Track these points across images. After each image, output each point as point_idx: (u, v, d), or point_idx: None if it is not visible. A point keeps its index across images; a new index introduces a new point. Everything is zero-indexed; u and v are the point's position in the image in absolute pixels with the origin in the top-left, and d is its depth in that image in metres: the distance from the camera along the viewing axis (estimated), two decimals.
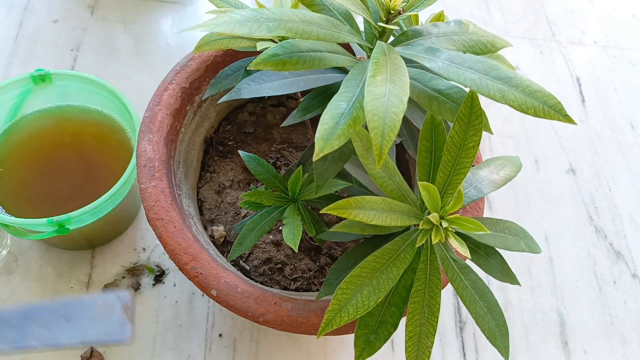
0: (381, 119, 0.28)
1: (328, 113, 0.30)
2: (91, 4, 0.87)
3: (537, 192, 0.78)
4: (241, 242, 0.46)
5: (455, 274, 0.38)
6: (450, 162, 0.35)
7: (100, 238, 0.64)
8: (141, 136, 0.50)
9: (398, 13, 0.36)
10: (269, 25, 0.32)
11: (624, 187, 0.80)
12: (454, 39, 0.37)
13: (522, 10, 0.99)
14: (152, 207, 0.46)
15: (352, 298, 0.35)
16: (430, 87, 0.36)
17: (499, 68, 0.33)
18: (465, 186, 0.42)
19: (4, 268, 0.63)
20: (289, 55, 0.33)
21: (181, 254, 0.45)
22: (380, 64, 0.31)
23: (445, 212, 0.35)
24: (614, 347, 0.66)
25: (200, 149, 0.62)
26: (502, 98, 0.32)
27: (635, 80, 0.92)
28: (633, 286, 0.71)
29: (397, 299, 0.37)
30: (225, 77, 0.47)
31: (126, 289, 0.63)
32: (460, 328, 0.65)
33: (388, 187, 0.37)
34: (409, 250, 0.36)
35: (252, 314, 0.43)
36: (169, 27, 0.87)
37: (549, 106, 0.32)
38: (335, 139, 0.29)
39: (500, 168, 0.44)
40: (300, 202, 0.47)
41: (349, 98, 0.31)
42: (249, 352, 0.60)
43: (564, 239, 0.74)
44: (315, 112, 0.39)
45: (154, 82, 0.53)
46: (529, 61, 0.92)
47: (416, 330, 0.36)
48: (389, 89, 0.29)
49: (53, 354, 0.57)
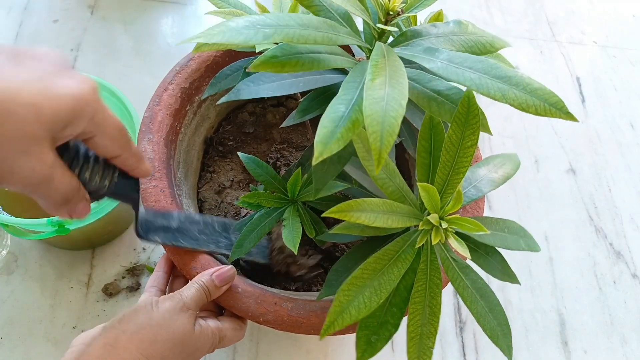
0: (380, 123, 0.28)
1: (327, 116, 0.29)
2: (91, 4, 0.87)
3: (537, 192, 0.78)
4: (241, 244, 0.46)
5: (455, 273, 0.38)
6: (448, 162, 0.35)
7: (100, 238, 0.64)
8: (141, 136, 0.50)
9: (397, 14, 0.35)
10: (265, 32, 0.31)
11: (624, 187, 0.80)
12: (453, 39, 0.37)
13: (522, 10, 0.99)
14: (152, 207, 0.46)
15: (353, 300, 0.35)
16: (430, 88, 0.35)
17: (499, 67, 0.33)
18: (465, 185, 0.42)
19: (4, 268, 0.63)
20: (288, 57, 0.33)
21: (182, 253, 0.45)
22: (379, 67, 0.31)
23: (444, 213, 0.35)
24: (614, 347, 0.66)
25: (200, 149, 0.62)
26: (502, 97, 0.32)
27: (635, 80, 0.92)
28: (633, 286, 0.71)
29: (398, 300, 0.37)
30: (225, 77, 0.47)
31: (126, 288, 0.63)
32: (460, 328, 0.65)
33: (388, 189, 0.37)
34: (409, 251, 0.36)
35: (252, 313, 0.43)
36: (169, 27, 0.87)
37: (550, 104, 0.32)
38: (335, 143, 0.29)
39: (499, 166, 0.44)
40: (299, 203, 0.47)
41: (348, 101, 0.31)
42: (249, 352, 0.60)
43: (564, 239, 0.74)
44: (315, 113, 0.39)
45: (154, 82, 0.53)
46: (529, 61, 0.92)
47: (418, 331, 0.36)
48: (387, 92, 0.29)
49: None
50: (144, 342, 0.37)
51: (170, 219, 0.46)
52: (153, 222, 0.44)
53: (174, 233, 0.45)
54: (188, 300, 0.41)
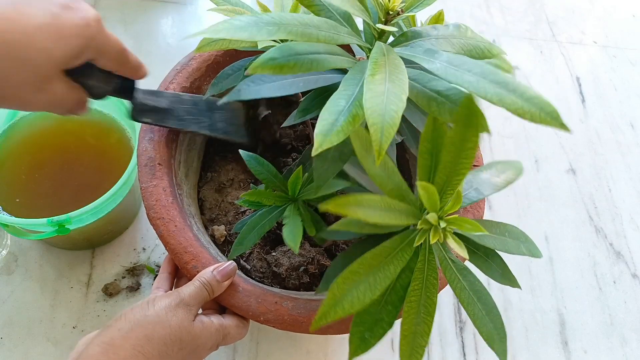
0: (380, 116, 0.28)
1: (327, 110, 0.30)
2: (91, 4, 0.87)
3: (537, 192, 0.78)
4: (241, 241, 0.46)
5: (453, 274, 0.38)
6: (449, 163, 0.35)
7: (100, 238, 0.64)
8: (142, 135, 0.50)
9: (397, 14, 0.36)
10: (269, 30, 0.32)
11: (624, 187, 0.80)
12: (452, 42, 0.37)
13: (522, 10, 0.99)
14: (153, 206, 0.46)
15: (347, 293, 0.35)
16: (430, 88, 0.36)
17: (497, 72, 0.33)
18: (466, 188, 0.42)
19: (4, 268, 0.63)
20: (287, 59, 0.33)
21: (182, 253, 0.45)
22: (379, 64, 0.31)
23: (444, 213, 0.35)
24: (614, 347, 0.66)
25: (200, 148, 0.62)
26: (499, 101, 0.32)
27: (635, 80, 0.92)
28: (633, 286, 0.71)
29: (394, 298, 0.37)
30: (226, 76, 0.47)
31: (126, 288, 0.63)
32: (460, 328, 0.65)
33: (387, 187, 0.37)
34: (407, 249, 0.36)
35: (253, 312, 0.43)
36: (169, 27, 0.87)
37: (546, 113, 0.32)
38: (335, 135, 0.29)
39: (501, 172, 0.44)
40: (300, 201, 0.48)
41: (348, 96, 0.31)
42: (249, 352, 0.61)
43: (564, 239, 0.74)
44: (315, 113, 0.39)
45: (154, 82, 0.53)
46: (529, 61, 0.92)
47: (411, 329, 0.36)
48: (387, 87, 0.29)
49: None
50: (140, 339, 0.37)
51: (161, 96, 0.50)
52: (145, 104, 0.49)
53: (162, 114, 0.50)
54: (186, 296, 0.41)
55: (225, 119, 0.54)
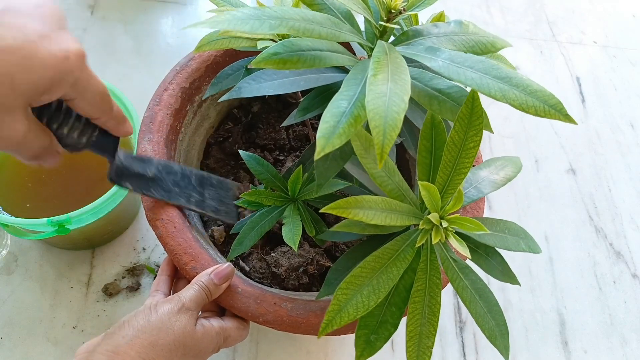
0: (382, 118, 0.28)
1: (329, 112, 0.30)
2: (91, 4, 0.87)
3: (537, 192, 0.78)
4: (241, 241, 0.46)
5: (455, 273, 0.38)
6: (450, 162, 0.35)
7: (100, 238, 0.64)
8: (141, 136, 0.50)
9: (399, 12, 0.35)
10: (271, 23, 0.32)
11: (624, 187, 0.80)
12: (454, 39, 0.37)
13: (522, 10, 0.99)
14: (151, 207, 0.46)
15: (352, 298, 0.35)
16: (431, 86, 0.36)
17: (499, 67, 0.33)
18: (466, 186, 0.42)
19: (4, 268, 0.63)
20: (290, 54, 0.33)
21: (181, 254, 0.45)
22: (382, 63, 0.31)
23: (445, 212, 0.35)
24: (614, 347, 0.66)
25: (200, 148, 0.62)
26: (502, 97, 0.32)
27: (635, 80, 0.92)
28: (633, 286, 0.71)
29: (398, 299, 0.37)
30: (226, 76, 0.47)
31: (126, 288, 0.63)
32: (460, 328, 0.65)
33: (387, 187, 0.37)
34: (409, 250, 0.36)
35: (252, 314, 0.43)
36: (169, 27, 0.87)
37: (550, 105, 0.32)
38: (337, 138, 0.29)
39: (500, 168, 0.44)
40: (300, 201, 0.47)
41: (350, 97, 0.31)
42: (249, 352, 0.60)
43: (564, 239, 0.74)
44: (316, 112, 0.39)
45: (154, 82, 0.53)
46: (529, 61, 0.92)
47: (417, 331, 0.36)
48: (390, 87, 0.29)
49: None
50: (145, 346, 0.37)
51: (149, 165, 0.46)
52: (129, 168, 0.44)
53: (147, 182, 0.45)
54: (187, 301, 0.41)
55: (217, 197, 0.50)
